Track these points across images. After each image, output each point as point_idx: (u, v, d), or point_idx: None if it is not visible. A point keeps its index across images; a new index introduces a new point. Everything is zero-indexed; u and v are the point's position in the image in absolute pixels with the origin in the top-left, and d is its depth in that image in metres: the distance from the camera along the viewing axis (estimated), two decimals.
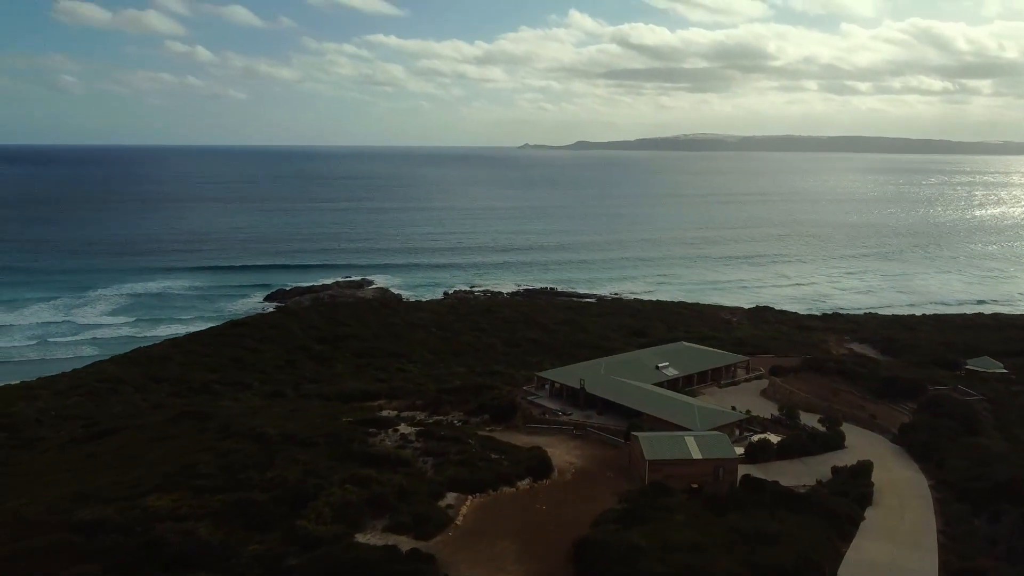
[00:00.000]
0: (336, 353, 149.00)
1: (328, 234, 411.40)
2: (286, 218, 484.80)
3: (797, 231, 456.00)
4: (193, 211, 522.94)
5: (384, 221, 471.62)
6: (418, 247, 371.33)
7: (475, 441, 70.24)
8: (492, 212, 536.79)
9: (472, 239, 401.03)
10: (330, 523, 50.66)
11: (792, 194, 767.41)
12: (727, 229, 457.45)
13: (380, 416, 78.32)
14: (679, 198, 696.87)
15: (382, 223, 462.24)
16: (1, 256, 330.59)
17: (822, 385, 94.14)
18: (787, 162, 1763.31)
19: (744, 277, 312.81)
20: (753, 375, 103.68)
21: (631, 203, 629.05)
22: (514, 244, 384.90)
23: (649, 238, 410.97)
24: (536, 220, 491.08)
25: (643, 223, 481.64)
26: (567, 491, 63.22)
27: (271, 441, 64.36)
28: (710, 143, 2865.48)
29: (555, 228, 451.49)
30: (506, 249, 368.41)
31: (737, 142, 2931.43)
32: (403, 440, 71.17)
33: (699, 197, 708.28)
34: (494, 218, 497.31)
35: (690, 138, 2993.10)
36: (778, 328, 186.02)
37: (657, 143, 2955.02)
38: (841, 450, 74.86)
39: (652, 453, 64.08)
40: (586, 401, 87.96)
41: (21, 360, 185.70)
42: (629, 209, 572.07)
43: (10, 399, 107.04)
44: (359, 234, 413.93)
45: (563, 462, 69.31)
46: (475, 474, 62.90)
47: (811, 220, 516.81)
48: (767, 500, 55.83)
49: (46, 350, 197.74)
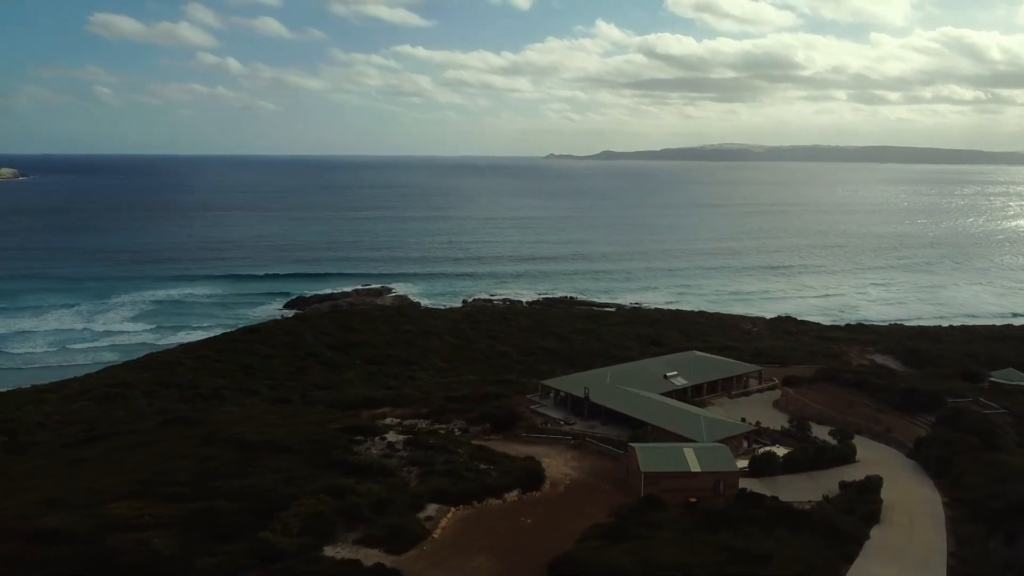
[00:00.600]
0: (347, 360, 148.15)
1: (352, 243, 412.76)
2: (311, 227, 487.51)
3: (824, 242, 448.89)
4: (220, 220, 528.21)
5: (407, 230, 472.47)
6: (440, 256, 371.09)
7: (464, 450, 68.11)
8: (515, 222, 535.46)
9: (494, 248, 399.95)
10: (297, 535, 48.84)
11: (820, 204, 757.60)
12: (753, 239, 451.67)
13: (368, 424, 76.47)
14: (704, 208, 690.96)
15: (406, 232, 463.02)
16: (30, 262, 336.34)
17: (837, 396, 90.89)
18: (815, 172, 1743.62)
19: (769, 288, 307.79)
20: (766, 386, 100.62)
21: (656, 213, 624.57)
22: (536, 253, 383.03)
23: (673, 248, 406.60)
24: (559, 230, 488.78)
25: (668, 233, 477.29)
26: (557, 504, 60.93)
27: (252, 448, 62.99)
28: (736, 153, 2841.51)
29: (578, 238, 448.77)
30: (528, 259, 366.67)
31: (764, 152, 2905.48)
32: (389, 449, 69.21)
33: (725, 207, 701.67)
34: (517, 228, 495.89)
35: (716, 148, 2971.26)
36: (799, 338, 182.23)
37: (683, 153, 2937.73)
38: (852, 464, 71.63)
39: (648, 465, 61.62)
40: (590, 411, 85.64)
41: (42, 366, 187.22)
42: (654, 219, 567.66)
43: (19, 403, 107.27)
44: (382, 243, 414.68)
45: (558, 473, 66.94)
46: (460, 485, 60.72)
47: (839, 230, 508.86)
48: (764, 517, 52.88)
49: (66, 356, 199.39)
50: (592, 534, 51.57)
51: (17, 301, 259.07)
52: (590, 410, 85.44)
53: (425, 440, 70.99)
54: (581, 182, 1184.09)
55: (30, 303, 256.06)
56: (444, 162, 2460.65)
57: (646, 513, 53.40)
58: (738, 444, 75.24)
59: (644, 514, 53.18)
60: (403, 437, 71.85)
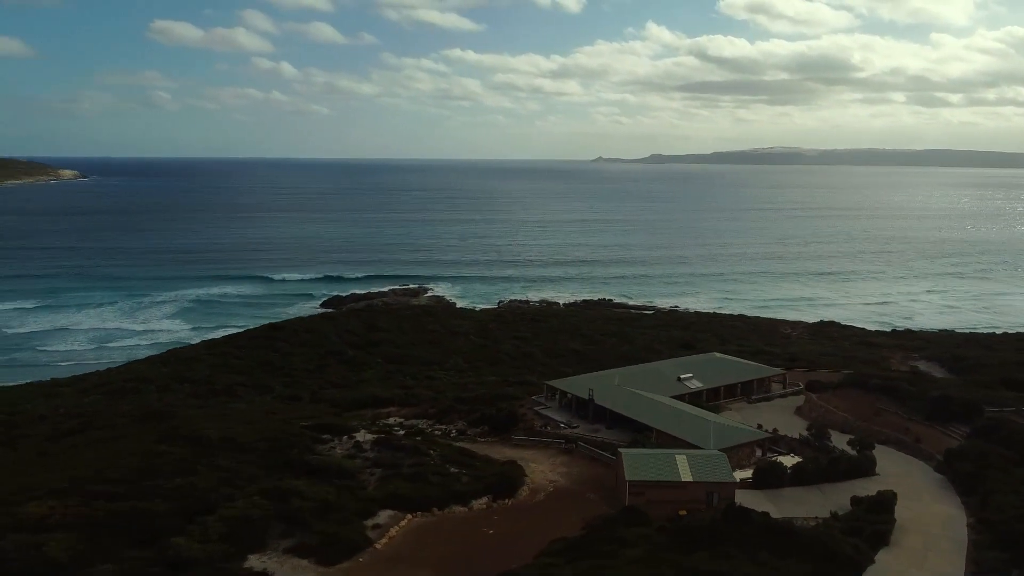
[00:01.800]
0: (369, 359, 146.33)
1: (394, 245, 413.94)
2: (355, 229, 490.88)
3: (877, 247, 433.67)
4: (265, 221, 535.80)
5: (450, 232, 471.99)
6: (481, 259, 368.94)
7: (440, 453, 64.38)
8: (560, 225, 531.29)
9: (536, 251, 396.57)
10: (216, 541, 45.32)
11: (875, 209, 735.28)
12: (802, 244, 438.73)
13: (339, 422, 73.24)
14: (754, 211, 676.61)
15: (448, 234, 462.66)
16: (79, 261, 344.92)
17: (863, 403, 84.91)
18: (870, 176, 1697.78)
19: (817, 294, 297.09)
20: (790, 390, 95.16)
21: (704, 216, 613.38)
22: (579, 257, 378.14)
23: (719, 253, 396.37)
24: (604, 233, 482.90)
25: (715, 237, 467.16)
26: (530, 514, 56.58)
27: (209, 445, 60.41)
28: (788, 156, 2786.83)
29: (622, 241, 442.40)
30: (569, 262, 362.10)
31: (817, 156, 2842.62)
32: (356, 449, 65.76)
33: (775, 211, 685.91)
34: (561, 231, 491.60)
35: (768, 151, 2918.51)
36: (840, 344, 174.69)
37: (733, 156, 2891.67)
38: (870, 477, 65.95)
39: (634, 473, 57.08)
40: (595, 413, 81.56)
41: (78, 363, 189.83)
42: (701, 222, 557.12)
43: (31, 396, 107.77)
44: (424, 245, 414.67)
45: (543, 479, 62.83)
46: (423, 490, 56.81)
47: (894, 236, 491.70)
48: (752, 535, 47.50)
49: (103, 353, 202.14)
50: (551, 549, 47.13)
51: (62, 298, 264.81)
52: (595, 413, 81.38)
53: (396, 441, 67.49)
54: (629, 185, 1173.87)
55: (74, 301, 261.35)
56: (491, 165, 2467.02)
57: (620, 527, 48.59)
58: (750, 452, 70.43)
59: (618, 528, 48.40)
60: (373, 437, 68.46)
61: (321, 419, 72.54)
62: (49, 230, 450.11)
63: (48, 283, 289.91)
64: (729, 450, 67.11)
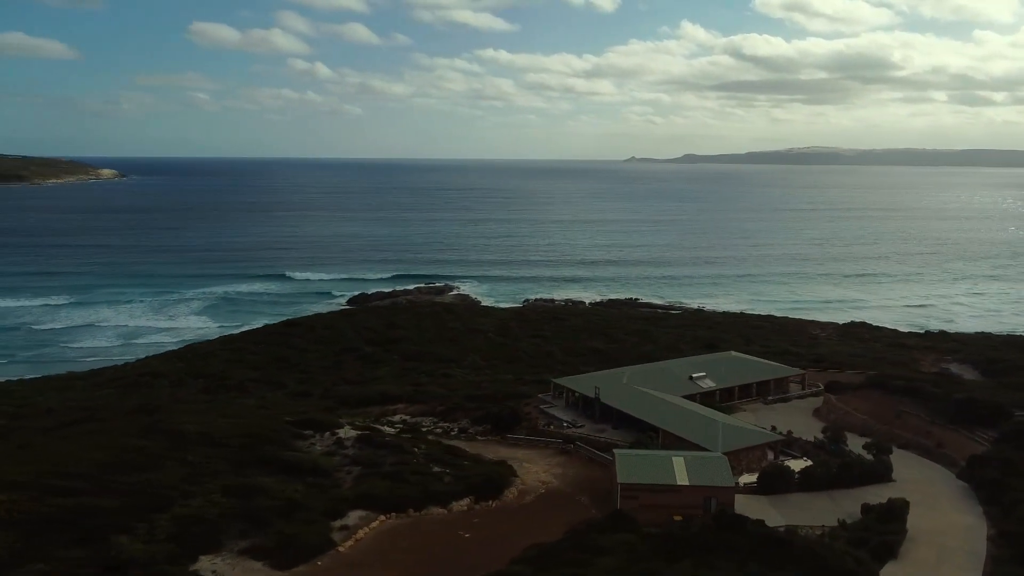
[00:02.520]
0: (385, 356, 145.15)
1: (423, 243, 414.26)
2: (386, 228, 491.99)
3: (916, 248, 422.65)
4: (299, 220, 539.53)
5: (479, 232, 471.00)
6: (510, 258, 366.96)
7: (427, 451, 62.17)
8: (590, 224, 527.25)
9: (565, 251, 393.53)
10: (163, 541, 43.11)
11: (914, 210, 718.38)
12: (838, 246, 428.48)
13: (324, 418, 71.35)
14: (788, 212, 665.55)
15: (477, 233, 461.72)
16: (111, 257, 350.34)
17: (884, 405, 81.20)
18: (909, 176, 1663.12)
19: (851, 295, 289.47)
20: (809, 391, 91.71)
21: (737, 217, 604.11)
22: (608, 257, 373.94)
23: (751, 254, 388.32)
24: (634, 233, 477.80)
25: (747, 237, 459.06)
26: (512, 517, 53.77)
27: (184, 440, 59.01)
28: (825, 157, 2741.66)
29: (653, 241, 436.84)
30: (599, 262, 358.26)
31: (854, 156, 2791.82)
32: (337, 445, 63.96)
33: (810, 212, 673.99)
34: (591, 230, 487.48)
35: (803, 151, 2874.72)
36: (870, 345, 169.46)
37: (768, 156, 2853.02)
38: (885, 484, 62.38)
39: (627, 475, 54.25)
40: (601, 412, 79.05)
41: (103, 359, 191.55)
42: (734, 223, 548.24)
43: (44, 389, 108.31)
44: (454, 244, 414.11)
45: (535, 481, 60.24)
46: (400, 490, 54.11)
47: (934, 237, 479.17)
48: (745, 545, 44.12)
49: (128, 349, 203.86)
50: (525, 556, 44.28)
51: (93, 295, 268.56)
52: (601, 412, 78.89)
53: (380, 438, 65.45)
54: (661, 185, 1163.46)
55: (104, 297, 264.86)
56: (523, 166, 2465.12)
57: (603, 533, 45.86)
58: (761, 455, 67.44)
59: (600, 534, 45.66)
60: (356, 434, 66.56)
61: (308, 415, 70.88)
62: (85, 228, 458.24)
63: (80, 280, 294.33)
64: (738, 452, 64.38)
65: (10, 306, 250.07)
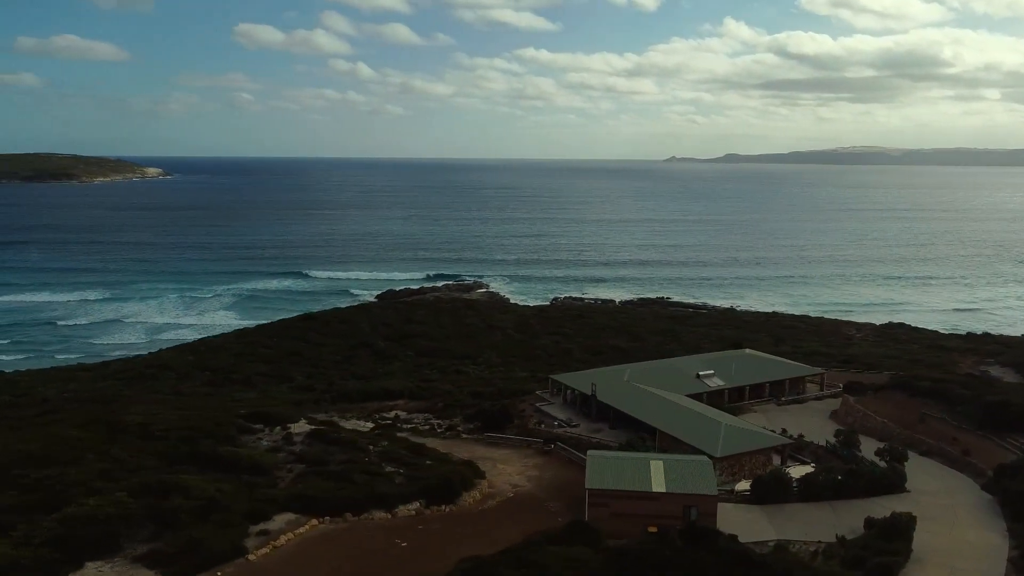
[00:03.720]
0: (400, 351, 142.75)
1: (460, 242, 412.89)
2: (423, 226, 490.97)
3: (965, 250, 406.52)
4: (336, 218, 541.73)
5: (516, 231, 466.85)
6: (544, 257, 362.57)
7: (379, 448, 58.18)
8: (627, 224, 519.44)
9: (601, 251, 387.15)
10: (41, 545, 39.01)
11: (964, 211, 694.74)
12: (881, 247, 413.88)
13: (278, 411, 68.09)
14: (832, 212, 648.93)
15: (512, 232, 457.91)
16: (149, 254, 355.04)
17: (907, 408, 75.44)
18: (960, 176, 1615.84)
19: (897, 298, 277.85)
20: (828, 392, 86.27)
21: (779, 217, 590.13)
22: (643, 257, 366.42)
23: (793, 255, 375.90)
24: (671, 233, 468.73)
25: (789, 238, 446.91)
26: (463, 524, 49.17)
27: (121, 432, 56.10)
28: (871, 156, 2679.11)
29: (690, 242, 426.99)
30: (633, 262, 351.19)
31: (901, 155, 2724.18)
32: (285, 441, 60.50)
33: (854, 212, 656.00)
34: (628, 230, 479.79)
35: (849, 151, 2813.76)
36: (907, 347, 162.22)
37: (812, 156, 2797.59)
38: (897, 495, 56.73)
39: (597, 480, 49.54)
40: (598, 411, 74.79)
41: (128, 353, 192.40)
42: (776, 223, 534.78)
43: (49, 380, 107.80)
44: (488, 243, 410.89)
45: (505, 484, 55.86)
46: (342, 491, 49.61)
47: (984, 239, 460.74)
48: (711, 564, 38.46)
49: (154, 344, 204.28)
50: (459, 568, 39.67)
51: (127, 290, 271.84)
52: (598, 410, 74.61)
53: (333, 433, 61.82)
54: (701, 185, 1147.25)
55: (138, 293, 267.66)
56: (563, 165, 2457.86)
57: (554, 546, 40.61)
58: (765, 460, 62.66)
59: (547, 548, 40.40)
60: (309, 428, 63.03)
61: (265, 407, 67.84)
62: (126, 225, 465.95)
63: (116, 276, 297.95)
64: (740, 456, 59.85)
65: (44, 300, 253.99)
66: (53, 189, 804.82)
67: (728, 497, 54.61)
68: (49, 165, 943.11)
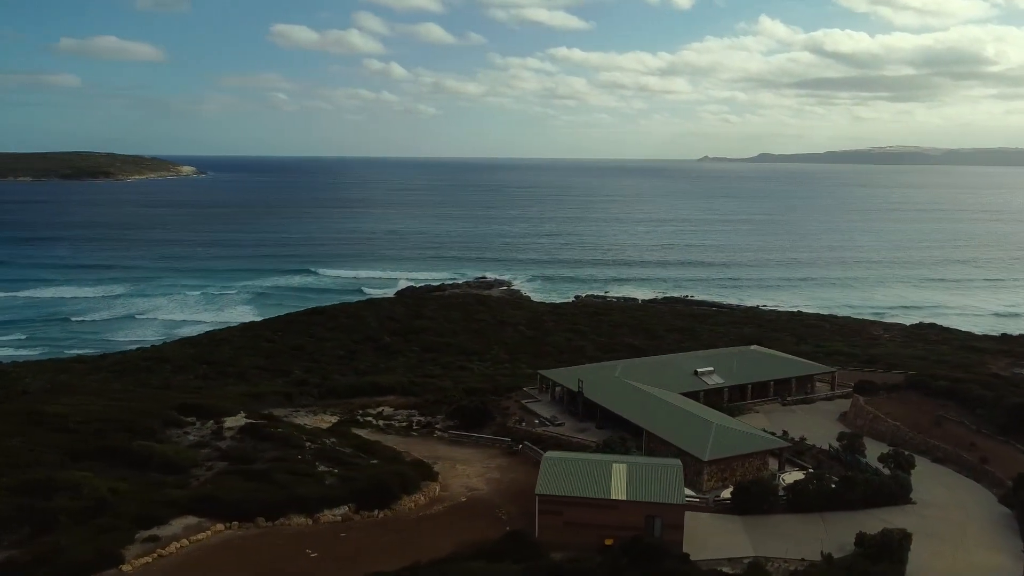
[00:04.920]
0: (405, 346, 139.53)
1: (488, 239, 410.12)
2: (452, 224, 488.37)
3: (1007, 253, 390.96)
4: (365, 216, 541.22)
5: (545, 230, 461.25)
6: (571, 256, 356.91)
7: (318, 445, 53.69)
8: (657, 224, 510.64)
9: (630, 250, 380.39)
10: None
11: (1005, 212, 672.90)
12: (921, 248, 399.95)
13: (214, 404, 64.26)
14: (868, 213, 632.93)
15: (543, 232, 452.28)
16: (176, 249, 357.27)
17: (923, 410, 69.80)
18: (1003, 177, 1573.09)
19: (933, 299, 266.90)
20: (839, 392, 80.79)
21: (812, 218, 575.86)
22: (671, 257, 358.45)
23: (827, 256, 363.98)
24: (701, 232, 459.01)
25: (824, 238, 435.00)
26: (393, 532, 44.16)
27: (36, 424, 52.68)
28: (910, 156, 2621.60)
29: (720, 242, 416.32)
30: (661, 261, 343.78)
31: (941, 155, 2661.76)
32: (214, 436, 56.47)
33: (892, 212, 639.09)
34: (657, 230, 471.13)
35: (886, 151, 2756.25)
36: (937, 347, 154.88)
37: (848, 156, 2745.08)
38: (901, 506, 51.12)
39: (550, 485, 44.50)
40: (585, 409, 70.27)
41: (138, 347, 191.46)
42: (808, 224, 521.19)
43: (42, 371, 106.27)
44: (516, 241, 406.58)
45: (461, 487, 51.45)
46: (259, 493, 44.84)
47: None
48: None
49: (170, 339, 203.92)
50: None
51: (151, 286, 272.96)
52: (585, 408, 70.11)
53: (268, 429, 57.72)
54: (734, 184, 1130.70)
55: (160, 289, 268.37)
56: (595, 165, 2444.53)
57: (478, 560, 36.21)
58: (760, 464, 57.68)
59: (470, 562, 35.82)
60: (244, 423, 59.08)
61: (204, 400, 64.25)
62: (155, 221, 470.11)
63: (140, 272, 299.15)
64: (731, 460, 55.06)
65: (68, 296, 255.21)
66: (88, 187, 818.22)
67: (704, 506, 49.67)
68: (86, 163, 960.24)
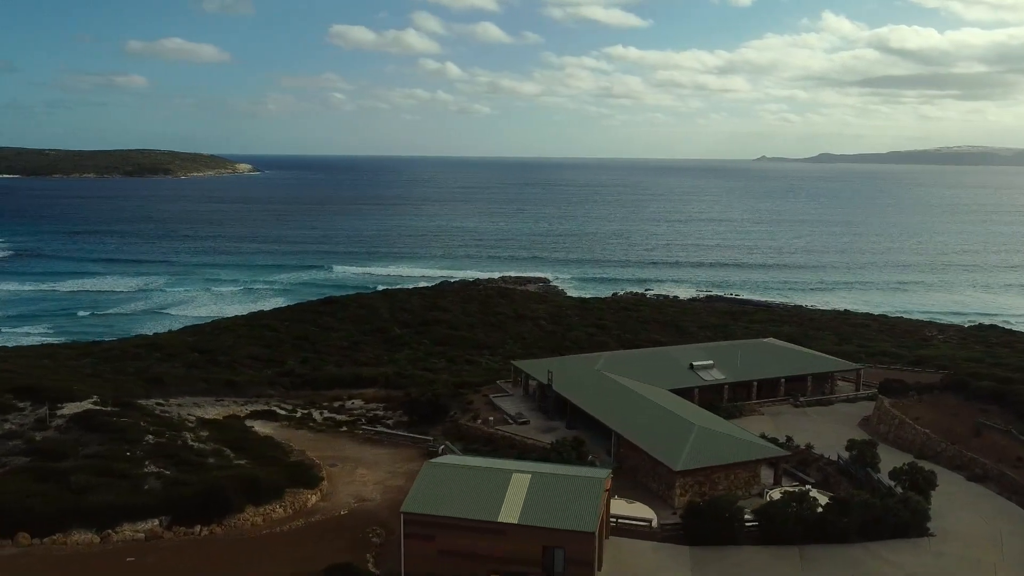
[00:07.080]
0: (416, 338, 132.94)
1: (537, 236, 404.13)
2: (501, 222, 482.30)
3: None
4: (415, 214, 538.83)
5: (595, 229, 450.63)
6: (618, 255, 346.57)
7: (162, 439, 45.74)
8: (709, 223, 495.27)
9: (679, 249, 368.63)
10: None
11: None
12: (991, 252, 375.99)
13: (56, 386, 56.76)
14: (934, 214, 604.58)
15: (592, 231, 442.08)
16: (220, 242, 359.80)
17: (962, 415, 59.50)
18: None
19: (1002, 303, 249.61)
20: (864, 394, 70.72)
21: (877, 219, 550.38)
22: (718, 258, 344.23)
23: (889, 259, 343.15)
24: (754, 233, 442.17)
25: (886, 240, 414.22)
26: (202, 559, 35.61)
27: None
28: (979, 156, 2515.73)
29: (773, 242, 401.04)
30: (710, 261, 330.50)
31: (1013, 156, 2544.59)
32: (35, 424, 48.22)
33: (960, 214, 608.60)
34: (708, 229, 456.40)
35: (954, 151, 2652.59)
36: (996, 350, 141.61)
37: (913, 156, 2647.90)
38: (912, 539, 39.93)
39: (421, 500, 35.19)
40: (557, 405, 61.91)
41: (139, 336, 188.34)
42: (874, 225, 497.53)
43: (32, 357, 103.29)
44: (564, 239, 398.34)
45: (350, 495, 43.35)
46: (37, 499, 37.23)
47: None
48: None
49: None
50: None
51: (189, 279, 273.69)
52: (556, 405, 61.76)
53: (106, 418, 49.94)
54: (793, 184, 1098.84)
55: (197, 282, 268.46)
56: (650, 164, 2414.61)
57: None
58: (750, 477, 48.61)
59: None
60: (83, 409, 51.21)
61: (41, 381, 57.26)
62: (205, 217, 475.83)
63: (179, 268, 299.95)
64: (712, 471, 46.30)
65: (102, 289, 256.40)
66: (147, 183, 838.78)
67: (648, 531, 39.75)
68: (147, 160, 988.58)
